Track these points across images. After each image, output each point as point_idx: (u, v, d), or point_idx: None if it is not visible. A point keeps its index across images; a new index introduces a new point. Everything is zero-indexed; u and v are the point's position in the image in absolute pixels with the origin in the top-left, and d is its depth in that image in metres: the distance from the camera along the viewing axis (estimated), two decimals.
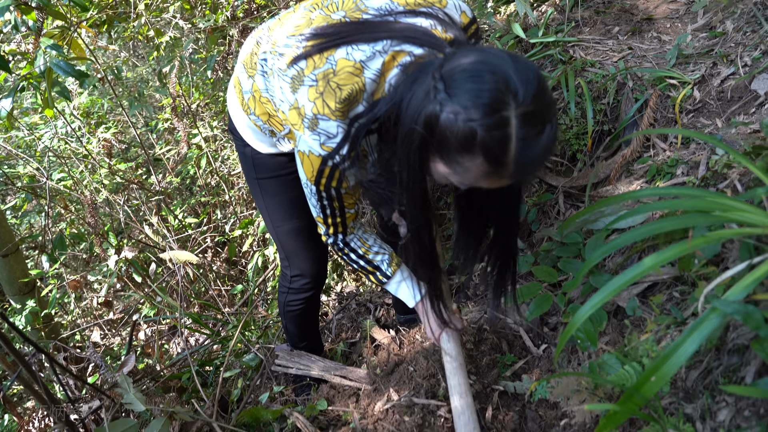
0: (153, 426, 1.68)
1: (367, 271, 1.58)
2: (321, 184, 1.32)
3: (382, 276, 1.57)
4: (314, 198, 1.38)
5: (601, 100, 2.14)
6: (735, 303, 0.96)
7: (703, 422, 1.15)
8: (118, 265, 3.08)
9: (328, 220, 1.44)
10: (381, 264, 1.56)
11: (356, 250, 1.54)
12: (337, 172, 1.28)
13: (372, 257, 1.55)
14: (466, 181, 1.09)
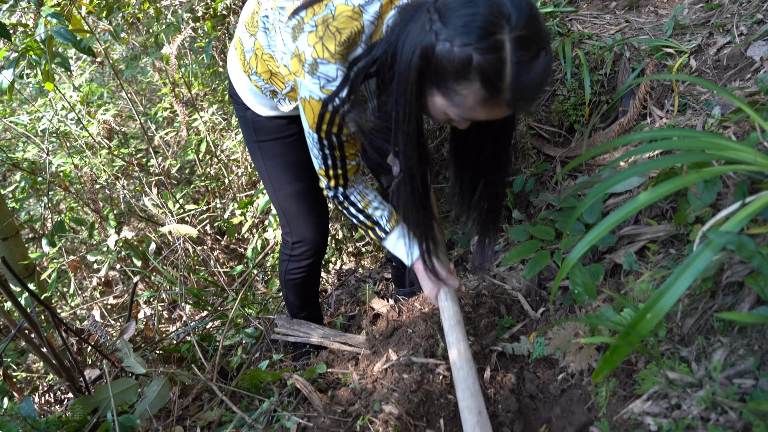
0: (153, 385, 1.69)
1: (366, 226, 1.59)
2: (322, 131, 1.33)
3: (381, 231, 1.58)
4: (316, 147, 1.40)
5: (598, 71, 2.16)
6: (729, 234, 0.97)
7: (698, 363, 1.17)
8: (118, 244, 3.09)
9: (329, 172, 1.46)
10: (380, 219, 1.57)
11: (356, 204, 1.55)
12: (337, 117, 1.30)
13: (371, 212, 1.56)
14: (465, 113, 1.10)
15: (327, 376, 1.83)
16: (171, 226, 2.28)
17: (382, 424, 1.48)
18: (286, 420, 1.59)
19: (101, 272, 3.19)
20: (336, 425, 1.54)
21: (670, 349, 1.25)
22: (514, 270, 2.07)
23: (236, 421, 1.67)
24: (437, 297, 1.62)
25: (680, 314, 1.28)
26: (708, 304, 1.22)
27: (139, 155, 3.95)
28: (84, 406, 1.54)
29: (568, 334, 1.37)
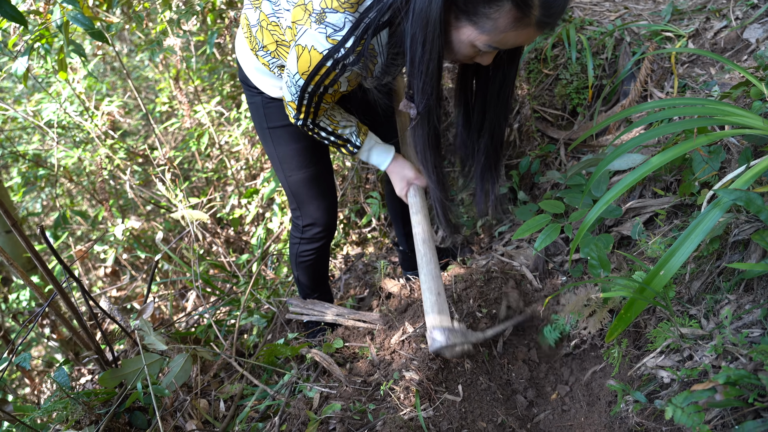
0: (177, 359, 1.73)
1: (338, 145, 1.67)
2: (312, 81, 1.35)
3: (352, 147, 1.67)
4: (295, 88, 1.41)
5: (599, 56, 2.23)
6: (737, 190, 1.04)
7: (707, 319, 1.23)
8: (125, 234, 3.12)
9: (301, 108, 1.49)
10: (350, 136, 1.65)
11: (325, 128, 1.62)
12: (333, 73, 1.31)
13: (341, 132, 1.63)
14: (494, 40, 1.14)
15: (343, 351, 1.89)
16: (183, 211, 2.32)
17: (403, 391, 1.54)
18: (308, 390, 1.64)
19: (108, 261, 3.22)
20: (358, 393, 1.60)
21: (680, 309, 1.32)
22: (521, 248, 2.13)
23: (258, 393, 1.73)
24: (407, 194, 1.74)
25: (688, 276, 1.35)
26: (715, 264, 1.29)
27: (142, 147, 3.97)
28: (112, 379, 1.58)
29: (580, 300, 1.43)
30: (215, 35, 3.69)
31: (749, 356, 1.04)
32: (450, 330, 1.47)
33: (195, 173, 4.41)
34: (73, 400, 1.41)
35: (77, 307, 1.49)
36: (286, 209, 3.21)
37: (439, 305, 1.50)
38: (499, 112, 1.50)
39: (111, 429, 1.53)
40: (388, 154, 1.73)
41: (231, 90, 4.61)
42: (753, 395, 0.96)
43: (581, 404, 1.62)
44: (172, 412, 1.58)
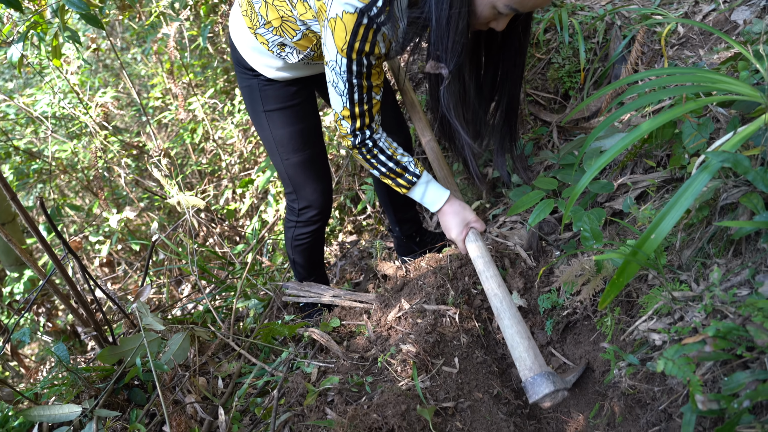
0: (176, 338, 1.74)
1: (395, 174, 1.63)
2: (354, 50, 1.35)
3: (411, 176, 1.63)
4: (342, 79, 1.42)
5: (591, 40, 2.26)
6: (725, 153, 1.07)
7: (697, 284, 1.26)
8: (120, 224, 3.12)
9: (355, 109, 1.48)
10: (408, 165, 1.62)
11: (385, 151, 1.59)
12: (371, 32, 1.32)
13: (399, 158, 1.61)
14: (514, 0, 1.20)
15: (340, 330, 1.91)
16: (179, 197, 2.33)
17: (401, 363, 1.56)
18: (306, 366, 1.66)
19: (103, 252, 3.22)
20: (355, 368, 1.62)
21: (671, 276, 1.35)
22: (515, 229, 2.16)
23: (256, 371, 1.74)
24: (465, 239, 1.68)
25: (678, 245, 1.37)
26: (705, 230, 1.32)
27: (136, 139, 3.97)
28: (111, 356, 1.59)
29: (574, 270, 1.46)
30: (208, 28, 3.70)
31: (738, 313, 1.07)
32: (553, 375, 1.33)
33: (189, 167, 4.42)
34: (72, 373, 1.42)
35: (75, 283, 1.50)
36: (280, 200, 3.22)
37: (533, 350, 1.38)
38: (516, 80, 1.56)
39: (110, 405, 1.54)
40: (445, 192, 1.67)
41: (224, 85, 4.62)
42: (741, 347, 0.99)
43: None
44: (170, 387, 1.60)
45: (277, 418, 1.39)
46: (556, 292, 1.70)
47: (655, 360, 1.23)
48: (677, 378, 1.16)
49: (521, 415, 1.57)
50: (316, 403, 1.45)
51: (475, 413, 1.46)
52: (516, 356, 1.40)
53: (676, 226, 1.37)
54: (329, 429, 1.32)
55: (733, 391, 0.97)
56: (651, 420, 1.26)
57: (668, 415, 1.22)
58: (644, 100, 1.20)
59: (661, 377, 1.24)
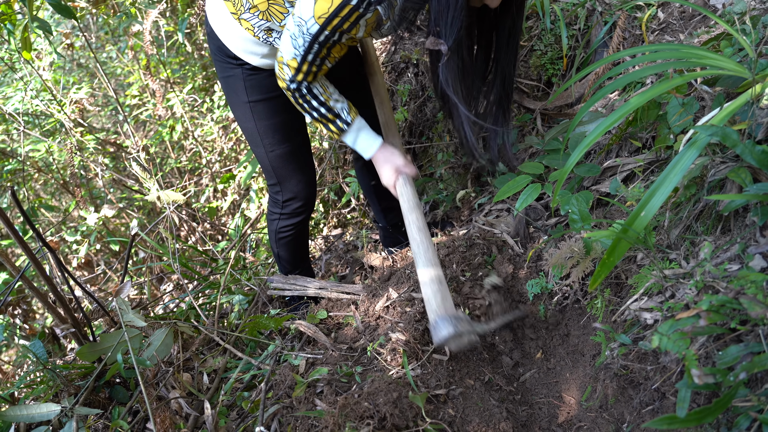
0: (158, 334, 1.70)
1: (327, 119, 1.62)
2: (331, 25, 1.34)
3: (342, 123, 1.62)
4: (303, 38, 1.40)
5: (572, 26, 2.26)
6: (713, 126, 1.06)
7: (687, 262, 1.26)
8: (98, 223, 3.05)
9: (303, 66, 1.46)
10: (341, 111, 1.61)
11: (318, 97, 1.57)
12: (356, 14, 1.31)
13: (333, 104, 1.59)
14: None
15: (327, 321, 1.87)
16: (160, 192, 2.28)
17: (390, 352, 1.53)
18: (294, 359, 1.62)
19: (80, 253, 3.14)
20: (344, 359, 1.59)
21: (661, 256, 1.34)
22: (501, 217, 2.15)
23: (242, 365, 1.70)
24: (396, 183, 1.68)
25: (667, 224, 1.37)
26: (693, 209, 1.32)
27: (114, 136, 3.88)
28: (90, 353, 1.54)
29: (563, 253, 1.45)
30: (185, 22, 3.63)
31: (730, 287, 1.06)
32: (457, 318, 1.35)
33: (168, 165, 4.34)
34: (50, 371, 1.37)
35: (51, 278, 1.44)
36: (263, 195, 3.18)
37: (442, 293, 1.39)
38: (510, 58, 1.54)
39: (91, 403, 1.49)
40: (377, 138, 1.68)
41: (203, 82, 4.54)
42: (735, 321, 0.98)
43: (566, 361, 1.64)
44: (154, 384, 1.55)
45: (265, 410, 1.36)
46: (545, 277, 1.69)
47: (648, 339, 1.22)
48: (671, 355, 1.15)
49: (513, 401, 1.56)
50: (305, 395, 1.41)
51: (467, 400, 1.44)
52: (425, 298, 1.41)
53: (664, 206, 1.37)
54: (319, 419, 1.29)
55: (728, 365, 0.96)
56: (644, 400, 1.25)
57: (661, 394, 1.21)
58: (630, 77, 1.19)
59: (653, 356, 1.23)
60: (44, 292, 2.14)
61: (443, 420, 1.32)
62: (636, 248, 1.45)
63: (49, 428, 1.31)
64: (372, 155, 1.68)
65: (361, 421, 1.20)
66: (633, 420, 1.26)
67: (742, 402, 0.94)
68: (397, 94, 2.63)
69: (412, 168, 1.68)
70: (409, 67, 2.56)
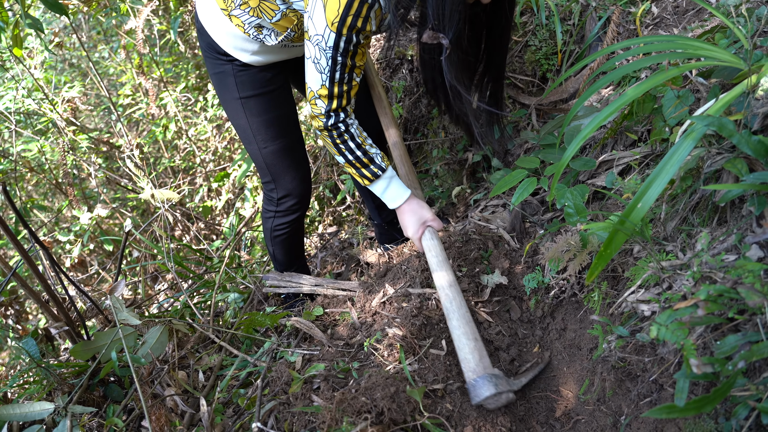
0: (153, 332, 1.68)
1: (361, 164, 1.59)
2: (345, 26, 1.32)
3: (377, 168, 1.60)
4: (326, 55, 1.38)
5: (567, 22, 2.26)
6: (709, 117, 1.06)
7: (683, 253, 1.26)
8: (91, 222, 3.02)
9: (334, 88, 1.44)
10: (375, 157, 1.59)
11: (355, 138, 1.56)
12: (365, 7, 1.30)
13: (368, 148, 1.58)
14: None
15: (323, 318, 1.86)
16: (153, 191, 2.26)
17: (387, 348, 1.53)
18: (290, 355, 1.61)
19: (74, 253, 3.11)
20: (341, 355, 1.58)
21: (657, 248, 1.34)
22: (497, 212, 2.15)
23: (238, 363, 1.69)
24: (422, 237, 1.65)
25: (663, 216, 1.37)
26: (689, 201, 1.32)
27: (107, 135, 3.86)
28: (84, 351, 1.52)
29: (560, 246, 1.44)
30: (178, 20, 3.61)
31: (727, 277, 1.06)
32: (496, 377, 1.33)
33: (162, 165, 4.31)
34: (44, 369, 1.35)
35: (45, 277, 1.43)
36: (257, 194, 3.16)
37: (479, 351, 1.37)
38: (501, 55, 1.57)
39: (85, 401, 1.48)
40: (406, 190, 1.65)
41: (196, 81, 4.52)
42: (733, 310, 0.98)
43: (563, 355, 1.63)
44: (149, 381, 1.53)
45: (261, 407, 1.35)
46: (541, 271, 1.69)
47: (645, 331, 1.22)
48: (668, 346, 1.15)
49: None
50: (302, 391, 1.40)
51: (465, 395, 1.43)
52: (461, 357, 1.39)
53: (661, 198, 1.37)
54: (316, 415, 1.28)
55: (726, 355, 0.96)
56: (642, 392, 1.25)
57: (659, 385, 1.21)
58: (625, 69, 1.19)
59: (651, 348, 1.23)
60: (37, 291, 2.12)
61: (441, 414, 1.31)
62: (632, 241, 1.45)
63: (43, 427, 1.29)
64: (399, 206, 1.66)
65: (359, 415, 1.19)
66: (631, 412, 1.26)
67: (741, 391, 0.94)
68: (392, 90, 2.62)
69: (439, 222, 1.66)
70: (404, 64, 2.56)
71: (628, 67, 1.21)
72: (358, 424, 1.18)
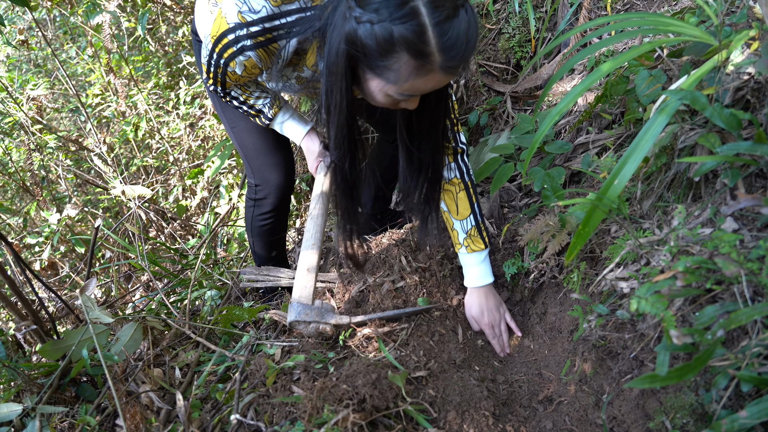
0: (126, 329, 1.63)
1: (251, 115, 1.66)
2: (216, 48, 1.35)
3: (265, 118, 1.65)
4: (206, 52, 1.41)
5: (539, 9, 2.27)
6: (682, 90, 1.06)
7: (660, 230, 1.26)
8: (61, 223, 2.94)
9: (209, 73, 1.47)
10: (263, 107, 1.63)
11: (237, 98, 1.60)
12: (231, 50, 1.31)
13: (253, 102, 1.62)
14: (402, 87, 1.12)
15: None
16: (124, 187, 2.20)
17: (366, 339, 1.50)
18: (269, 348, 1.58)
19: (44, 255, 3.02)
20: (321, 346, 1.55)
21: (634, 226, 1.35)
22: None
23: (216, 358, 1.65)
24: (317, 168, 1.69)
25: (639, 194, 1.38)
26: (664, 178, 1.32)
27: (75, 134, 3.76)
28: (54, 350, 1.47)
29: (538, 227, 1.44)
30: (146, 16, 3.53)
31: (704, 250, 1.06)
32: (305, 306, 1.46)
33: (134, 165, 4.22)
34: (10, 369, 1.30)
35: (8, 273, 1.37)
36: (232, 190, 3.11)
37: (305, 281, 1.49)
38: (433, 149, 1.47)
39: (56, 402, 1.42)
40: (303, 127, 1.68)
41: (168, 79, 4.43)
42: (710, 281, 0.99)
43: (544, 339, 1.63)
44: (123, 379, 1.49)
45: (240, 400, 1.31)
46: (521, 257, 1.69)
47: (625, 308, 1.22)
48: (648, 321, 1.15)
49: (493, 381, 1.55)
50: (282, 382, 1.37)
51: (448, 380, 1.42)
52: (294, 282, 1.51)
53: (636, 177, 1.37)
54: (297, 405, 1.25)
55: (705, 325, 0.96)
56: (623, 369, 1.25)
57: (640, 362, 1.21)
58: (601, 44, 1.19)
59: (631, 325, 1.23)
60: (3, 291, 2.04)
61: (424, 400, 1.30)
62: (610, 221, 1.46)
63: (11, 429, 1.24)
64: (300, 142, 1.70)
65: (340, 403, 1.17)
66: (612, 390, 1.26)
67: (720, 362, 0.94)
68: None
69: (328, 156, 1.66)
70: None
71: (601, 43, 1.21)
72: (339, 412, 1.16)
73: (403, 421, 1.20)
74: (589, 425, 1.29)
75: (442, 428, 1.22)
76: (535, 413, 1.45)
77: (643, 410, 1.15)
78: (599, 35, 1.39)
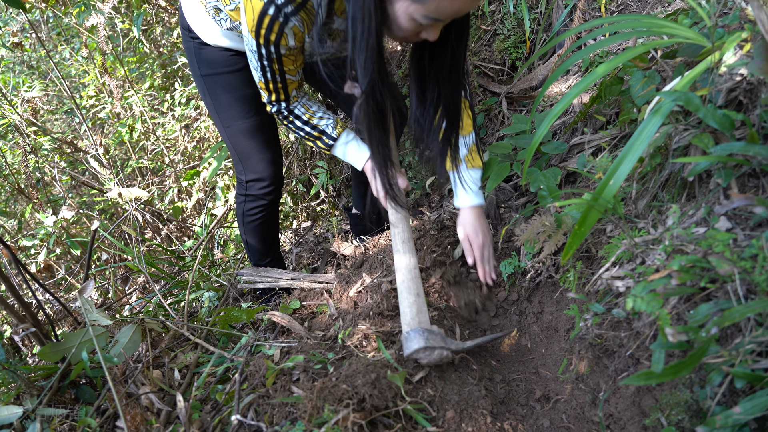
0: (125, 331, 1.64)
1: (313, 137, 1.63)
2: (261, 37, 1.32)
3: (328, 139, 1.62)
4: (255, 56, 1.40)
5: (534, 10, 2.28)
6: (676, 92, 1.08)
7: (655, 229, 1.28)
8: (57, 225, 2.93)
9: (269, 85, 1.46)
10: (326, 128, 1.61)
11: (300, 117, 1.59)
12: (277, 23, 1.29)
13: (317, 122, 1.60)
14: (428, 8, 1.14)
15: (301, 311, 1.84)
16: (121, 189, 2.20)
17: (365, 338, 1.51)
18: (268, 349, 1.59)
19: (40, 257, 3.01)
20: (320, 347, 1.56)
21: (629, 226, 1.36)
22: None
23: (215, 360, 1.65)
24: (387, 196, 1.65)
25: (634, 194, 1.39)
26: (658, 178, 1.34)
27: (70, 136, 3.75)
28: (53, 353, 1.47)
29: (534, 227, 1.45)
30: (141, 17, 3.53)
31: (699, 249, 1.08)
32: (429, 332, 1.35)
33: (129, 167, 4.21)
34: (10, 372, 1.30)
35: (8, 276, 1.38)
36: (229, 191, 3.11)
37: (418, 306, 1.40)
38: (453, 89, 1.48)
39: (56, 404, 1.42)
40: (366, 151, 1.64)
41: (163, 81, 4.42)
42: (705, 280, 1.00)
43: (541, 338, 1.65)
44: (122, 381, 1.49)
45: (240, 400, 1.32)
46: (517, 256, 1.70)
47: (621, 306, 1.23)
48: (644, 319, 1.17)
49: (491, 380, 1.56)
50: (282, 383, 1.38)
51: (446, 380, 1.43)
52: (401, 310, 1.42)
53: (631, 177, 1.39)
54: (297, 405, 1.26)
55: (699, 323, 0.98)
56: (619, 367, 1.27)
57: (636, 360, 1.23)
58: (594, 47, 1.20)
59: (626, 323, 1.25)
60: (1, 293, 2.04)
61: (423, 399, 1.31)
62: (605, 221, 1.47)
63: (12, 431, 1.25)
64: (363, 165, 1.67)
65: (340, 403, 1.18)
66: (609, 387, 1.28)
67: (714, 359, 0.95)
68: None
69: (404, 179, 1.65)
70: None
71: (596, 45, 1.22)
72: (339, 412, 1.17)
73: (403, 420, 1.21)
74: (585, 423, 1.30)
75: (440, 427, 1.24)
76: (533, 411, 1.46)
77: (639, 407, 1.16)
78: (594, 37, 1.40)
